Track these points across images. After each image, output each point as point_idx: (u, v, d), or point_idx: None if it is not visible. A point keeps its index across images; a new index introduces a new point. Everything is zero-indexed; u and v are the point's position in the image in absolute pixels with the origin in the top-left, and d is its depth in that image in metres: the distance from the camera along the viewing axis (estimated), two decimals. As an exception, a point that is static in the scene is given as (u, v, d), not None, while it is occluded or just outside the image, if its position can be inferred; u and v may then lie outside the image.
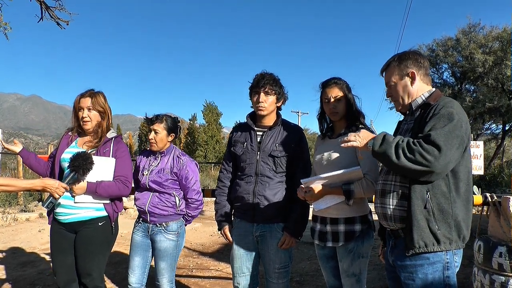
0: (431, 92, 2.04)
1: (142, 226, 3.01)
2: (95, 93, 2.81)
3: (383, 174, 2.09)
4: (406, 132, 2.04)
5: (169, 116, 3.04)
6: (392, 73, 2.09)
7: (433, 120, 1.81)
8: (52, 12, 5.31)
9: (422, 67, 2.05)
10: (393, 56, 2.13)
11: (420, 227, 1.82)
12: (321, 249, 2.56)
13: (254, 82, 2.67)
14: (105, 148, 2.76)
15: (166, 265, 2.95)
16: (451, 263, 1.87)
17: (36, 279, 4.70)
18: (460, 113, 1.83)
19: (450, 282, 1.86)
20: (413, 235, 1.82)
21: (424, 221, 1.82)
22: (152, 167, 2.98)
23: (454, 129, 1.76)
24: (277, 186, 2.63)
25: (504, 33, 18.04)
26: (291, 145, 2.65)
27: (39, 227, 7.76)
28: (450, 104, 1.85)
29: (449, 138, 1.73)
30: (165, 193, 2.94)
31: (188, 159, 3.04)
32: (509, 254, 2.99)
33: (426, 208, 1.82)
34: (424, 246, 1.82)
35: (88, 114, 2.75)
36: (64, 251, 2.72)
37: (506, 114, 17.99)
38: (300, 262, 5.60)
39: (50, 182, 2.46)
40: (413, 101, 2.05)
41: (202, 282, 4.73)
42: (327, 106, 2.51)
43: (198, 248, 6.71)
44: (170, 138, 3.02)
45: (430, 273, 1.85)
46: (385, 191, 2.01)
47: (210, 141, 37.36)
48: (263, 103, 2.62)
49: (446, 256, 1.85)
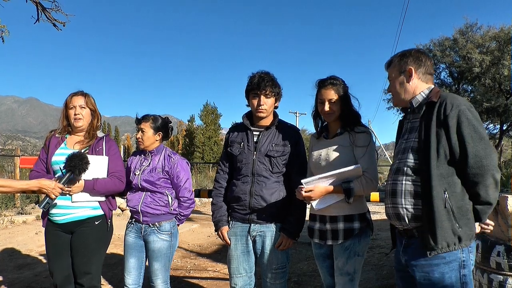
0: (430, 89, 2.04)
1: (135, 227, 3.00)
2: (87, 93, 2.89)
3: (392, 174, 2.08)
4: (411, 131, 2.05)
5: (158, 116, 3.07)
6: (393, 68, 2.13)
7: (463, 133, 1.83)
8: (49, 14, 5.29)
9: (423, 65, 2.05)
10: (398, 53, 2.16)
11: (443, 228, 1.82)
12: (318, 248, 2.55)
13: (253, 84, 2.60)
14: (98, 146, 2.83)
15: (160, 265, 2.94)
16: (467, 261, 1.87)
17: (32, 281, 4.67)
18: (470, 108, 1.87)
19: (467, 281, 1.86)
20: (436, 236, 1.82)
21: (447, 221, 1.82)
22: (144, 166, 2.99)
23: (482, 133, 1.85)
24: (273, 186, 2.61)
25: (501, 32, 18.11)
26: (287, 145, 2.64)
27: (36, 229, 7.73)
28: (457, 102, 1.87)
29: (486, 148, 1.82)
30: (158, 193, 2.94)
31: (179, 157, 3.07)
32: (507, 253, 2.98)
33: (446, 207, 1.82)
34: (447, 246, 1.83)
35: (80, 112, 2.80)
36: (61, 252, 2.73)
37: (503, 114, 18.06)
38: (298, 263, 5.59)
39: (46, 182, 2.48)
40: (413, 99, 2.06)
41: (199, 283, 4.71)
42: (321, 107, 2.49)
43: (195, 249, 6.69)
44: (158, 137, 3.03)
45: (446, 272, 1.85)
46: (396, 191, 2.00)
47: (208, 142, 37.34)
48: (264, 105, 2.61)
49: (462, 254, 1.86)
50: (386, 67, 2.21)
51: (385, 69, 2.22)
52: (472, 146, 1.82)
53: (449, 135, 1.84)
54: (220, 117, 39.36)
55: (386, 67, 2.20)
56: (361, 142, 2.41)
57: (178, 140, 42.15)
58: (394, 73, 2.12)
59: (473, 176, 1.84)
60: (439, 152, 1.85)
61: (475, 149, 1.82)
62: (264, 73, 2.65)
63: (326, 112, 2.47)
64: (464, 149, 1.83)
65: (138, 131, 3.02)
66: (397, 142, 2.24)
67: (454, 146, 1.84)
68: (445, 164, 1.86)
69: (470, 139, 1.82)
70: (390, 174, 2.11)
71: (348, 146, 2.43)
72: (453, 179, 1.87)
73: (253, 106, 2.64)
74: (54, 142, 2.84)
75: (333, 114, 2.47)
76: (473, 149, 1.82)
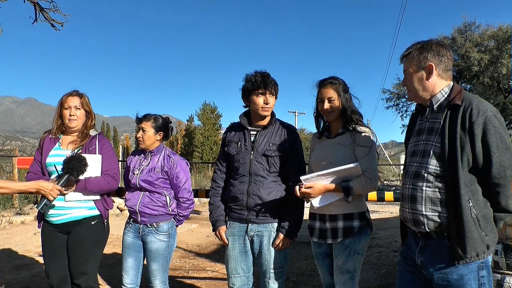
0: (451, 87, 1.94)
1: (133, 227, 3.00)
2: (82, 93, 2.88)
3: (410, 177, 1.99)
4: (431, 132, 1.95)
5: (159, 116, 3.05)
6: (410, 62, 1.98)
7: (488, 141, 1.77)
8: (46, 14, 5.27)
9: (443, 61, 1.93)
10: (416, 44, 2.01)
11: (473, 238, 1.77)
12: (318, 247, 2.56)
13: (258, 83, 2.58)
14: (91, 145, 2.82)
15: (158, 266, 2.93)
16: (485, 262, 1.84)
17: (30, 282, 4.67)
18: (497, 115, 1.82)
19: (485, 282, 1.83)
20: (465, 246, 1.77)
21: (475, 230, 1.78)
22: (143, 166, 2.98)
23: (508, 143, 1.79)
24: (271, 185, 2.61)
25: (499, 31, 18.13)
26: (285, 145, 2.64)
27: (34, 230, 7.72)
28: (483, 108, 1.80)
29: (511, 159, 1.79)
30: (156, 193, 2.93)
31: (179, 158, 3.05)
32: (505, 252, 2.99)
33: (472, 216, 1.78)
34: (476, 255, 1.79)
35: (75, 113, 2.79)
36: (57, 253, 2.73)
37: (502, 112, 18.07)
38: (296, 262, 5.59)
39: (44, 184, 2.47)
40: (433, 97, 1.96)
41: (198, 283, 4.71)
42: (321, 106, 2.50)
43: (194, 249, 6.69)
44: (159, 137, 3.01)
45: (465, 274, 1.81)
46: (416, 196, 1.93)
47: (207, 142, 37.29)
48: (270, 104, 2.61)
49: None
50: (402, 59, 2.05)
51: (400, 61, 2.08)
52: (498, 156, 1.76)
53: (474, 143, 1.77)
54: (221, 117, 39.29)
55: (402, 59, 2.05)
56: (362, 142, 2.41)
57: (177, 140, 42.18)
58: (412, 67, 1.97)
59: (495, 185, 1.80)
60: (463, 160, 1.79)
61: (500, 159, 1.76)
62: (265, 72, 2.65)
63: (325, 110, 2.47)
64: (489, 158, 1.77)
65: (139, 130, 2.99)
66: (408, 139, 2.16)
67: (478, 155, 1.78)
68: (467, 172, 1.81)
69: (495, 149, 1.76)
70: (408, 177, 2.02)
71: (349, 146, 2.43)
72: (475, 187, 1.82)
73: (258, 105, 2.61)
74: (47, 143, 2.83)
75: (333, 112, 2.47)
76: (498, 159, 1.76)
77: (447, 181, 1.83)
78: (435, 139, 1.89)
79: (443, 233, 1.87)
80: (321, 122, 2.65)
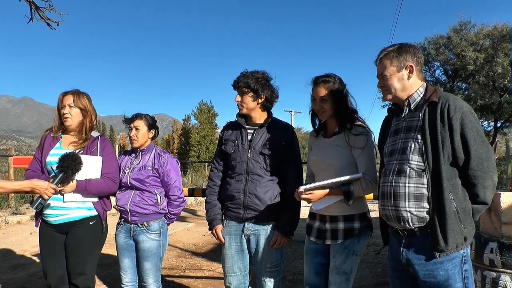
0: (425, 87, 2.02)
1: (124, 227, 3.01)
2: (79, 92, 2.83)
3: (391, 175, 2.02)
4: (409, 131, 1.99)
5: (147, 114, 3.10)
6: (389, 63, 2.01)
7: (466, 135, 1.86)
8: (42, 13, 5.25)
9: (419, 62, 2.02)
10: (392, 46, 2.04)
11: (454, 230, 1.84)
12: (313, 244, 2.52)
13: (233, 82, 2.67)
14: (93, 147, 2.80)
15: (151, 265, 2.95)
16: (467, 256, 1.91)
17: (26, 282, 4.65)
18: (471, 110, 1.91)
19: (468, 275, 1.89)
20: (447, 238, 1.84)
21: (456, 223, 1.85)
22: (134, 165, 3.00)
23: (483, 136, 1.90)
24: (268, 184, 2.61)
25: (494, 30, 18.20)
26: (281, 144, 2.63)
27: (30, 229, 7.69)
28: (460, 104, 1.89)
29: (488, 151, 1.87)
30: (147, 191, 2.94)
31: (169, 156, 3.08)
32: (500, 250, 3.00)
33: (453, 209, 1.85)
34: (455, 247, 1.85)
35: (69, 111, 2.75)
36: (55, 253, 2.71)
37: (497, 111, 18.15)
38: (293, 261, 5.60)
39: (39, 183, 2.46)
40: (410, 97, 2.02)
41: (194, 283, 4.71)
42: (314, 104, 2.47)
43: (191, 248, 6.68)
44: (151, 135, 3.07)
45: (450, 269, 1.87)
46: (399, 193, 1.96)
47: (203, 141, 37.24)
48: (240, 101, 2.64)
49: (463, 250, 1.89)
50: (379, 60, 2.06)
51: (376, 63, 2.09)
52: (475, 149, 1.85)
53: (453, 137, 1.85)
54: (217, 116, 39.23)
55: (380, 60, 2.05)
56: (358, 143, 2.37)
57: (174, 140, 42.10)
58: (391, 68, 2.00)
59: (473, 177, 1.87)
60: (444, 154, 1.86)
61: (478, 152, 1.85)
62: (244, 72, 2.66)
63: (318, 109, 2.44)
64: (467, 151, 1.85)
65: (131, 130, 3.01)
66: (383, 141, 2.21)
67: (457, 148, 1.86)
68: (448, 166, 1.88)
69: (473, 142, 1.85)
70: (388, 175, 2.04)
71: (346, 147, 2.39)
72: (456, 181, 1.89)
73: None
74: (49, 141, 2.80)
75: (325, 112, 2.43)
76: (476, 151, 1.85)
77: (432, 176, 1.89)
78: (415, 136, 1.95)
79: (426, 229, 1.91)
80: (317, 121, 2.60)
